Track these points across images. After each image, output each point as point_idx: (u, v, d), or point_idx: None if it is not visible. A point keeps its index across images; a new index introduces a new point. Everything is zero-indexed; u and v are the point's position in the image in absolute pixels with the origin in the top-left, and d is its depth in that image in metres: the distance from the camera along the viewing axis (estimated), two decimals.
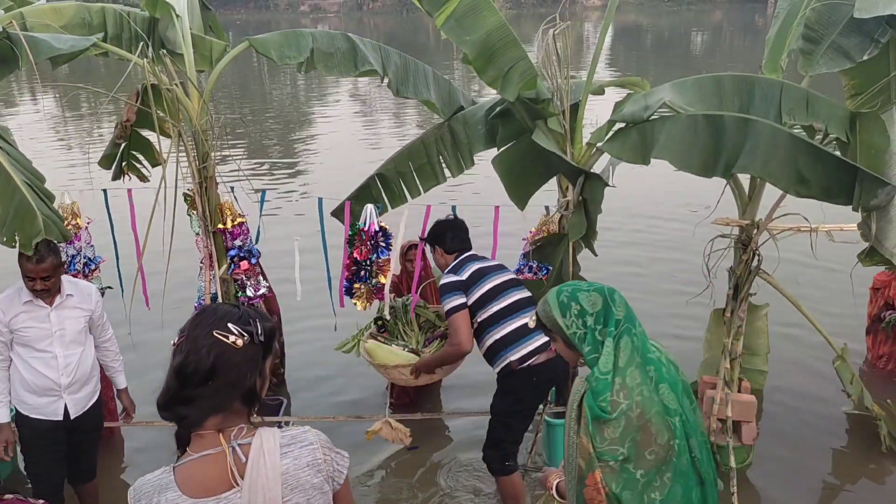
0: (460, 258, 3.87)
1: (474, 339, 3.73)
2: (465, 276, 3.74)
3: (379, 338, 4.27)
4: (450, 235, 3.94)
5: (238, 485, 1.66)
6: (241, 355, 1.70)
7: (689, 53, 31.26)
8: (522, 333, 3.68)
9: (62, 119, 17.71)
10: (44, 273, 3.34)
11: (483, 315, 3.71)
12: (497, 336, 3.68)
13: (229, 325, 1.70)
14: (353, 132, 15.38)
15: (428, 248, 4.14)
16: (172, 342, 1.73)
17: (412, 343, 4.22)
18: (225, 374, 1.68)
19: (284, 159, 13.18)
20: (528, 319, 3.72)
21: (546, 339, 3.71)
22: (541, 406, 4.31)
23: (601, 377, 2.11)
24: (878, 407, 4.52)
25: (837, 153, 3.57)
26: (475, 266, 3.80)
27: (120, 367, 3.85)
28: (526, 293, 3.85)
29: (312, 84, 23.66)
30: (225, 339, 1.68)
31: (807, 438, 4.68)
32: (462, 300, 3.68)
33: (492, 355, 3.73)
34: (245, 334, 1.70)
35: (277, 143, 14.91)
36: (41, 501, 3.47)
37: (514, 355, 3.65)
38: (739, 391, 4.29)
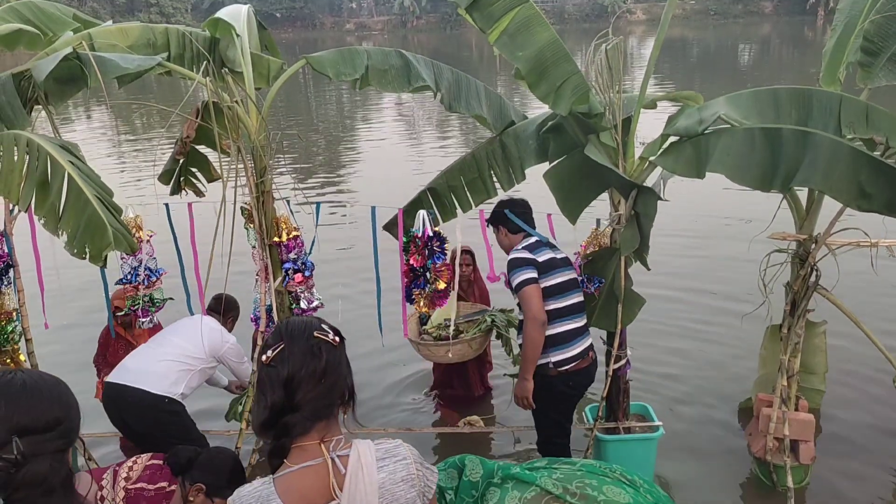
0: (532, 239, 3.88)
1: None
2: (540, 259, 3.77)
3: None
4: (513, 214, 3.96)
5: (338, 497, 1.66)
6: (340, 352, 1.74)
7: (737, 66, 30.82)
8: (570, 336, 3.79)
9: (116, 135, 18.27)
10: None
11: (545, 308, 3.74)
12: (548, 333, 3.74)
13: (323, 326, 1.74)
14: (396, 145, 15.53)
15: (490, 230, 4.15)
16: (264, 357, 1.70)
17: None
18: (334, 371, 1.70)
19: (331, 172, 13.36)
20: (579, 323, 3.83)
21: (587, 344, 3.87)
22: (591, 421, 4.29)
23: None
24: None
25: None
26: (549, 255, 3.83)
27: None
28: (581, 296, 3.95)
29: (356, 98, 23.98)
30: (326, 338, 1.71)
31: (865, 458, 4.55)
32: (534, 274, 3.70)
33: None
34: (337, 333, 1.75)
35: (323, 156, 15.13)
36: None
37: (556, 356, 3.74)
38: (796, 409, 4.20)
